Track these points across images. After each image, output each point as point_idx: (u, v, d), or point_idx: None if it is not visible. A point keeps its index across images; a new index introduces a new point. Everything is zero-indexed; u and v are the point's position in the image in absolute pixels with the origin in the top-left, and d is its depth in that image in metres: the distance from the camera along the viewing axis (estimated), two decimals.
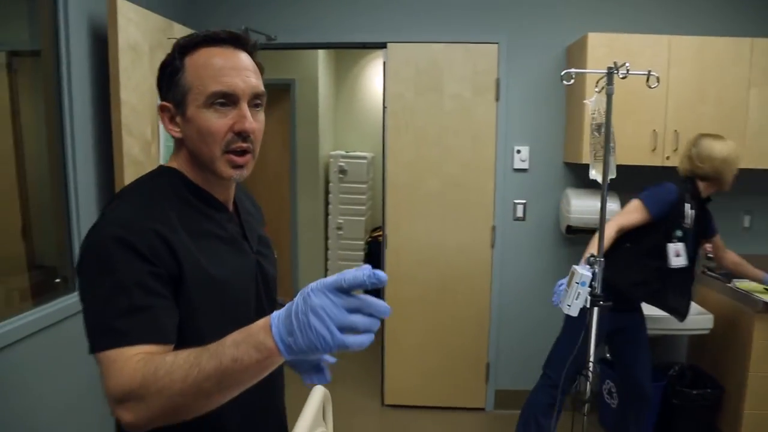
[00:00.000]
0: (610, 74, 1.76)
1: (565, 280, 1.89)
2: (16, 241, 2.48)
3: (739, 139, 2.90)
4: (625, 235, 2.45)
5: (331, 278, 0.73)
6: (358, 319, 0.73)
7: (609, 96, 1.77)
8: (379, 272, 0.72)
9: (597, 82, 1.90)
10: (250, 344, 0.76)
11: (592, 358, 1.82)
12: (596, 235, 2.28)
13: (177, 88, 1.01)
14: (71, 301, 2.33)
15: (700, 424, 3.06)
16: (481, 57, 3.27)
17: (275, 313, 0.77)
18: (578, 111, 3.00)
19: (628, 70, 1.68)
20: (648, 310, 2.64)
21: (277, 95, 5.50)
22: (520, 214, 3.37)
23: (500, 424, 3.37)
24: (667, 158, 2.91)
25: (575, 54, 3.08)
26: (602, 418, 3.26)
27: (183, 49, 1.02)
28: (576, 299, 1.76)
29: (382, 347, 3.53)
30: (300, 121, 5.33)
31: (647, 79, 1.76)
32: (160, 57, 1.05)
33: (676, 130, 2.89)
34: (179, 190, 1.05)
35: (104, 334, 0.87)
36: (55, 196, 2.40)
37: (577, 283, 1.74)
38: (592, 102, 1.84)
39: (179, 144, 1.07)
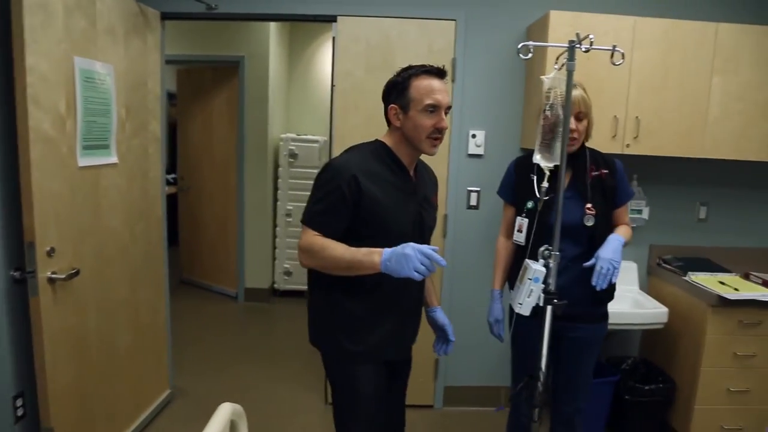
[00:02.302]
0: (571, 48, 1.58)
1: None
2: None
3: (699, 128, 2.81)
4: None
5: (423, 246, 1.52)
6: (422, 268, 1.49)
7: (570, 72, 1.59)
8: (443, 261, 1.52)
9: (557, 59, 1.73)
10: (368, 258, 1.56)
11: (544, 361, 1.66)
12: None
13: (404, 98, 1.70)
14: None
15: (652, 420, 2.99)
16: (437, 35, 3.07)
17: (386, 249, 1.54)
18: (537, 94, 2.84)
19: (591, 43, 1.51)
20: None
21: (225, 73, 5.19)
22: (473, 202, 3.20)
23: (449, 422, 3.23)
24: (627, 146, 2.78)
25: (536, 33, 2.92)
26: None
27: (411, 76, 1.70)
28: (528, 297, 1.59)
29: None
30: (249, 101, 5.04)
31: (611, 56, 1.60)
32: (79, 20, 0.90)
33: (637, 117, 2.77)
34: (380, 152, 1.76)
35: (308, 216, 1.70)
36: None
37: (530, 279, 1.58)
38: (549, 79, 1.67)
39: (395, 129, 1.76)
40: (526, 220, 2.07)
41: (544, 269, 1.61)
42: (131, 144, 2.80)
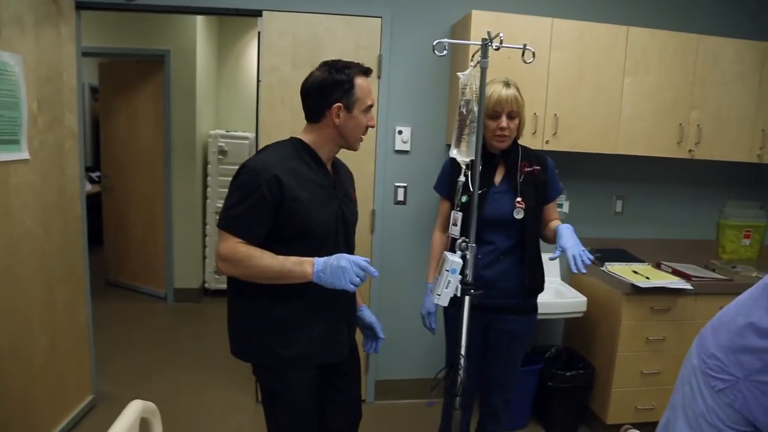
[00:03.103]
0: (484, 46, 1.64)
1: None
2: None
3: (613, 125, 2.96)
4: None
5: (357, 257, 1.58)
6: (356, 280, 1.55)
7: (483, 70, 1.65)
8: (376, 273, 1.61)
9: (473, 56, 1.78)
10: (299, 268, 1.59)
11: (463, 350, 1.71)
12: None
13: (350, 97, 1.69)
14: None
15: (573, 405, 3.12)
16: (364, 31, 3.09)
17: (317, 259, 1.59)
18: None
19: (501, 41, 1.57)
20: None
21: (150, 67, 5.02)
22: (401, 197, 3.24)
23: (382, 415, 3.27)
24: (547, 142, 2.89)
25: (459, 32, 2.98)
26: None
27: (354, 75, 1.68)
28: (446, 288, 1.64)
29: None
30: (176, 96, 4.89)
31: (522, 54, 1.66)
32: None
33: (556, 114, 2.88)
34: (299, 150, 1.73)
35: (226, 221, 1.63)
36: None
37: (447, 270, 1.62)
38: (465, 75, 1.72)
39: (327, 126, 1.72)
40: (461, 213, 2.12)
41: (461, 261, 1.66)
42: (45, 139, 2.67)
